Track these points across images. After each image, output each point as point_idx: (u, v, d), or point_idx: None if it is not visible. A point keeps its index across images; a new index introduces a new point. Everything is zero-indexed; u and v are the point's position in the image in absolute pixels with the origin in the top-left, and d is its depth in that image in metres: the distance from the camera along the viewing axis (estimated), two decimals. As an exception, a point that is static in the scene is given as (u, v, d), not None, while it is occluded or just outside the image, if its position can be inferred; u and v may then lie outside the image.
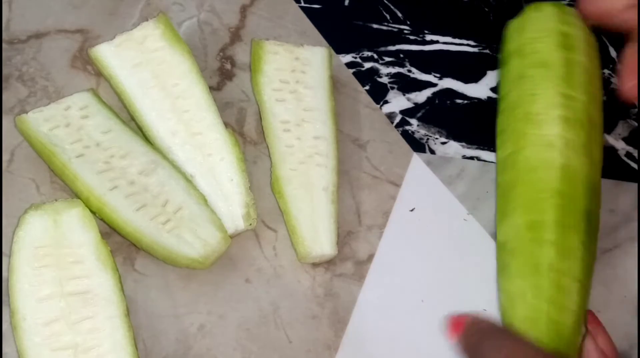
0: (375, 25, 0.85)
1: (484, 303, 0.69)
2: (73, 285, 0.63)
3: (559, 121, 0.67)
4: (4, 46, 0.79)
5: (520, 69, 0.71)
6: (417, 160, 0.77)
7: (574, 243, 0.63)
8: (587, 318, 0.63)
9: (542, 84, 0.69)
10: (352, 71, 0.82)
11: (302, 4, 0.86)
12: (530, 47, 0.71)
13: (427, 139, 0.78)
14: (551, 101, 0.68)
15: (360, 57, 0.83)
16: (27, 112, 0.71)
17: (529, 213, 0.65)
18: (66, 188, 0.71)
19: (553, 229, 0.63)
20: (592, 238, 0.64)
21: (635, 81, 0.65)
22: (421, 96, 0.81)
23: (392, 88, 0.81)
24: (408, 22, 0.86)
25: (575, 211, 0.64)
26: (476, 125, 0.79)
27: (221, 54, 0.81)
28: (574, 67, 0.70)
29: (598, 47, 0.73)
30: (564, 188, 0.64)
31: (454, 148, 0.78)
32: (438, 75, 0.82)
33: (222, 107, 0.76)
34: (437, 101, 0.81)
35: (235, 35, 0.82)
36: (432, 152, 0.78)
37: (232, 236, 0.69)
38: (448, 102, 0.81)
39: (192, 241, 0.67)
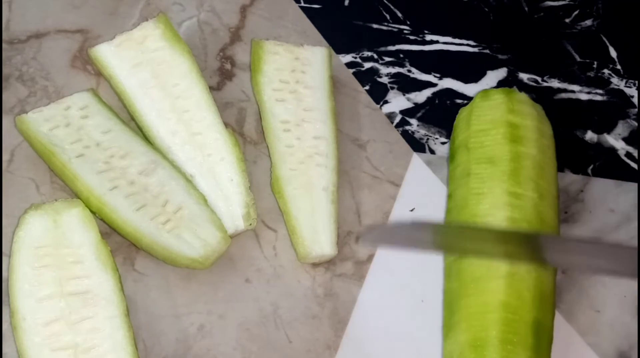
0: (375, 25, 0.85)
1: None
2: (73, 285, 0.63)
3: (506, 224, 0.63)
4: (4, 46, 0.79)
5: (467, 165, 0.68)
6: (417, 160, 0.77)
7: None
8: None
9: (488, 183, 0.65)
10: (352, 71, 0.82)
11: (302, 4, 0.86)
12: (477, 140, 0.68)
13: (427, 139, 0.78)
14: (497, 201, 0.64)
15: (360, 57, 0.83)
16: (27, 112, 0.71)
17: (473, 329, 0.61)
18: (66, 188, 0.71)
19: (497, 347, 0.60)
20: (543, 351, 0.61)
21: None
22: (421, 96, 0.81)
23: (392, 88, 0.81)
24: (408, 22, 0.86)
25: (522, 324, 0.61)
26: (476, 125, 0.79)
27: (221, 54, 0.81)
28: (523, 161, 0.66)
29: (552, 135, 0.70)
30: (509, 299, 0.61)
31: (454, 148, 0.78)
32: (438, 75, 0.82)
33: (222, 107, 0.76)
34: (437, 101, 0.81)
35: (235, 35, 0.82)
36: (432, 152, 0.78)
37: (232, 236, 0.69)
38: (448, 102, 0.81)
39: (192, 241, 0.67)
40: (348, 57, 0.83)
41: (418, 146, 0.78)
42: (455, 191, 0.68)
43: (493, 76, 0.82)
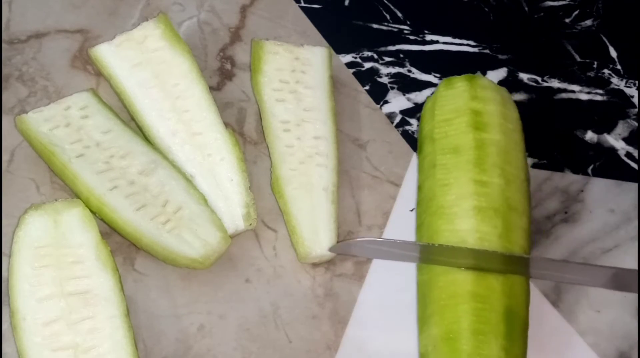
0: (375, 25, 0.85)
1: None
2: (73, 285, 0.63)
3: (472, 213, 0.64)
4: (4, 46, 0.79)
5: (433, 156, 0.68)
6: (417, 160, 0.77)
7: (492, 350, 0.59)
8: None
9: (454, 173, 0.66)
10: (352, 71, 0.82)
11: (302, 4, 0.86)
12: (441, 131, 0.68)
13: (427, 139, 0.78)
14: (463, 191, 0.65)
15: (360, 57, 0.83)
16: (27, 112, 0.71)
17: (444, 322, 0.61)
18: (66, 188, 0.71)
19: (469, 338, 0.60)
20: (516, 338, 0.61)
21: None
22: (421, 96, 0.81)
23: (392, 88, 0.81)
24: (408, 22, 0.86)
25: (493, 313, 0.61)
26: (476, 125, 0.79)
27: (221, 54, 0.81)
28: (487, 148, 0.66)
29: (518, 118, 0.70)
30: (478, 289, 0.61)
31: (454, 148, 0.78)
32: (438, 75, 0.82)
33: (222, 107, 0.76)
34: (437, 101, 0.81)
35: (235, 35, 0.82)
36: (432, 152, 0.78)
37: (232, 236, 0.69)
38: (448, 102, 0.81)
39: (192, 241, 0.67)
40: (348, 57, 0.83)
41: (418, 146, 0.78)
42: (424, 183, 0.68)
43: (493, 76, 0.82)
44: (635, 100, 0.82)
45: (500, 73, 0.83)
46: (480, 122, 0.67)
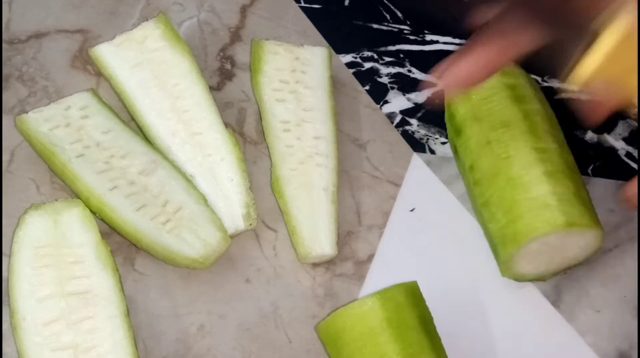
0: (375, 25, 0.85)
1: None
2: (73, 285, 0.63)
3: (544, 178, 0.65)
4: (4, 45, 0.79)
5: (483, 134, 0.69)
6: (417, 160, 0.77)
7: None
8: None
9: (512, 145, 0.67)
10: (352, 71, 0.82)
11: (302, 4, 0.86)
12: (484, 109, 0.70)
13: (427, 139, 0.78)
14: (528, 160, 0.66)
15: (360, 57, 0.83)
16: (27, 112, 0.71)
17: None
18: (66, 188, 0.71)
19: None
20: (436, 339, 0.61)
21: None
22: (421, 96, 0.81)
23: (392, 88, 0.81)
24: (408, 22, 0.86)
25: (412, 330, 0.60)
26: (476, 125, 0.79)
27: (221, 54, 0.81)
28: (533, 117, 0.68)
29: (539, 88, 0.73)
30: (390, 313, 0.60)
31: (454, 148, 0.78)
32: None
33: (222, 107, 0.76)
34: (437, 101, 0.81)
35: (235, 35, 0.82)
36: (432, 152, 0.78)
37: (232, 236, 0.69)
38: (448, 102, 0.81)
39: (192, 241, 0.67)
40: (348, 57, 0.83)
41: (418, 146, 0.78)
42: (477, 162, 0.69)
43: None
44: (635, 100, 0.82)
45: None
46: (518, 95, 0.70)
